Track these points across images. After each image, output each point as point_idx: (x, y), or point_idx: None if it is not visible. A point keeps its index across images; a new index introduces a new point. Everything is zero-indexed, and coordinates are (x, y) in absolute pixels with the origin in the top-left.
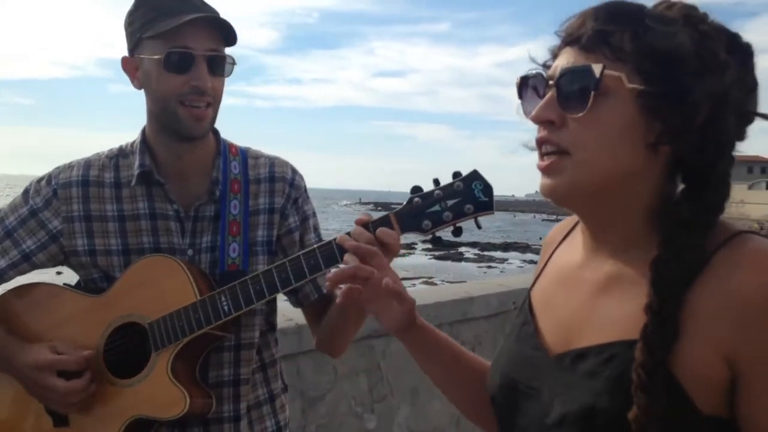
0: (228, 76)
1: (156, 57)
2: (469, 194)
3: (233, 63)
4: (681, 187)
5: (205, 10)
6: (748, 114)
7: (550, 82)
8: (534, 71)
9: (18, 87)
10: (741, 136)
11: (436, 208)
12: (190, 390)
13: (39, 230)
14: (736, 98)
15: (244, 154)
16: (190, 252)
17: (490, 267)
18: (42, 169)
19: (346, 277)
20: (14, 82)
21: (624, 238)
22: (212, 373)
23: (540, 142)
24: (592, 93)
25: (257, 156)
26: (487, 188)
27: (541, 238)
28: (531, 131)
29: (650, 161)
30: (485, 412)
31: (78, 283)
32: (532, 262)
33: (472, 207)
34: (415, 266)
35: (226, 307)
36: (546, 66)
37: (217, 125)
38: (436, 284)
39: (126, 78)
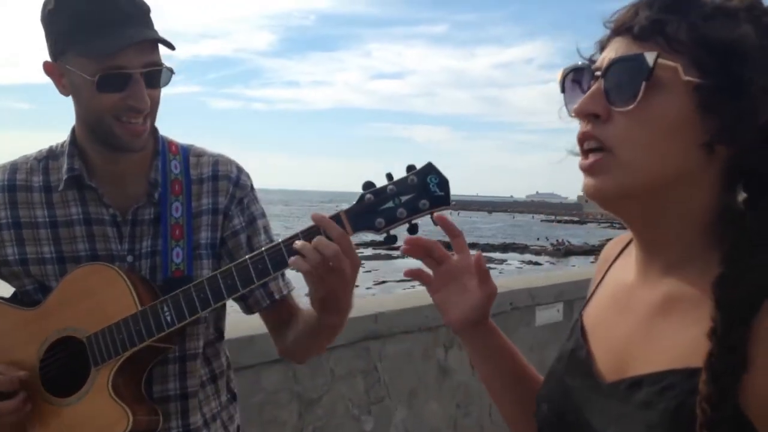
0: (165, 85)
1: (87, 77)
2: (425, 189)
3: (172, 72)
4: (742, 197)
5: (135, 17)
6: None
7: (597, 73)
8: (580, 63)
9: (15, 92)
10: None
11: (390, 204)
12: (133, 407)
13: None
14: None
15: (186, 152)
16: (129, 258)
17: (489, 268)
18: None
19: (421, 249)
20: (12, 86)
21: (679, 252)
22: (156, 387)
23: (582, 138)
24: (644, 84)
25: (200, 154)
26: (443, 182)
27: (538, 239)
28: (534, 131)
29: (705, 163)
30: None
31: (14, 295)
32: (530, 262)
33: (427, 202)
34: (413, 267)
35: (168, 318)
36: (592, 60)
37: (213, 129)
38: None
39: None
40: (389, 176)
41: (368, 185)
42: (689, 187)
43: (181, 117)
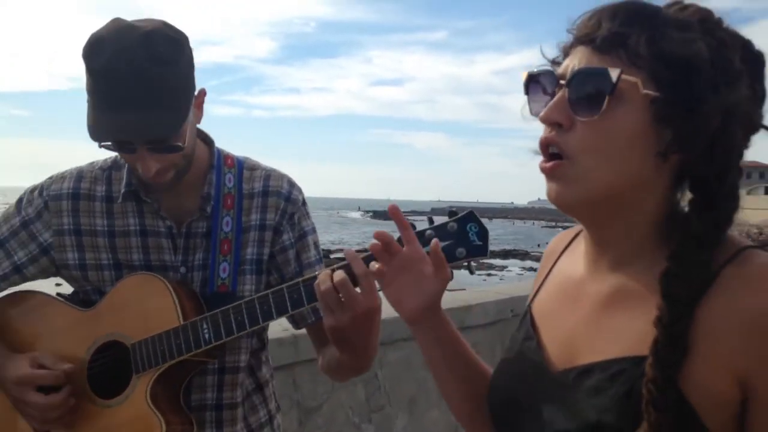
0: (179, 151)
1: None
2: (463, 237)
3: (180, 149)
4: (689, 197)
5: (139, 99)
6: (755, 125)
7: (561, 82)
8: (543, 67)
9: (14, 99)
10: (746, 147)
11: (427, 249)
12: (168, 416)
13: (30, 242)
14: (746, 110)
15: (241, 166)
16: (182, 269)
17: (489, 275)
18: (37, 182)
19: (384, 237)
20: (11, 94)
21: (629, 249)
22: (195, 396)
23: (545, 144)
24: (607, 97)
25: (254, 168)
26: (483, 231)
27: (540, 245)
28: (533, 137)
29: (658, 171)
30: (485, 428)
31: (74, 293)
32: (531, 269)
33: (464, 251)
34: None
35: (207, 336)
36: (556, 63)
37: (215, 136)
38: None
39: None
40: (430, 220)
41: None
42: (644, 192)
43: None
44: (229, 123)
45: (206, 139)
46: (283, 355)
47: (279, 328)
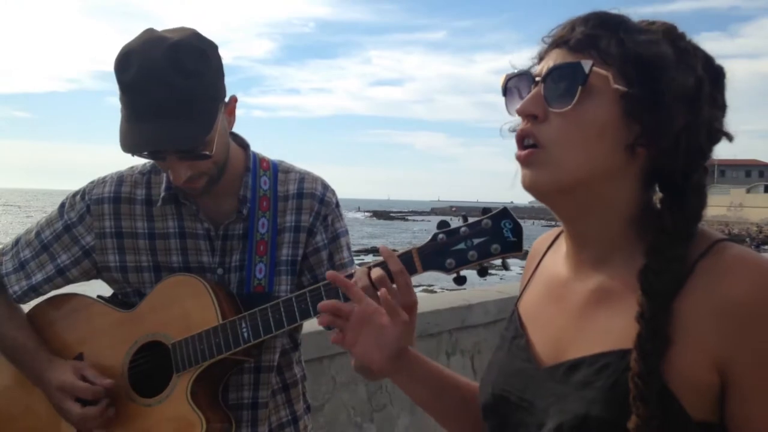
0: (209, 159)
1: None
2: (497, 233)
3: (208, 156)
4: (659, 196)
5: (168, 109)
6: (716, 132)
7: (537, 79)
8: (520, 70)
9: (15, 101)
10: (709, 151)
11: (461, 246)
12: (208, 414)
13: (73, 245)
14: (708, 114)
15: (276, 168)
16: (220, 271)
17: (489, 274)
18: (38, 183)
19: (329, 308)
20: (11, 96)
21: (606, 245)
22: (231, 395)
23: (521, 135)
24: (580, 88)
25: (288, 170)
26: (517, 228)
27: None
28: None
29: (627, 163)
30: None
31: (114, 295)
32: None
33: (499, 247)
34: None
35: (245, 334)
36: (532, 69)
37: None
38: (435, 291)
39: None
40: (464, 218)
41: (443, 224)
42: (613, 184)
43: None
44: None
45: (242, 143)
46: None
47: None
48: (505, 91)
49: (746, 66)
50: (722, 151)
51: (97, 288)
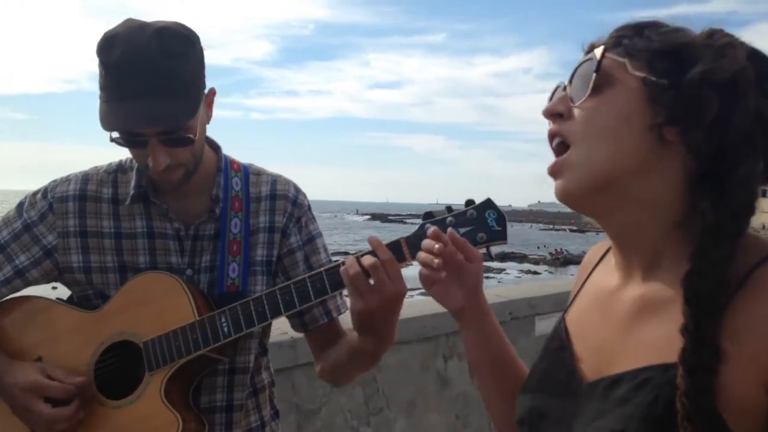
0: (191, 144)
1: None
2: (483, 223)
3: (191, 141)
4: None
5: (153, 89)
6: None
7: (566, 82)
8: (556, 86)
9: (11, 102)
10: (763, 143)
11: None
12: (183, 414)
13: (33, 245)
14: (755, 103)
15: (246, 171)
16: (189, 272)
17: (487, 278)
18: (35, 184)
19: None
20: (7, 97)
21: (651, 249)
22: (204, 397)
23: (551, 136)
24: (594, 75)
25: (259, 173)
26: (501, 217)
27: (539, 248)
28: (532, 140)
29: (661, 156)
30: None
31: (70, 298)
32: (529, 272)
33: (485, 236)
34: (412, 277)
35: (225, 329)
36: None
37: (214, 137)
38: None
39: None
40: (449, 208)
41: (428, 215)
42: (649, 179)
43: None
44: (227, 125)
45: (213, 145)
46: (282, 359)
47: (277, 332)
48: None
49: None
50: None
51: (55, 293)
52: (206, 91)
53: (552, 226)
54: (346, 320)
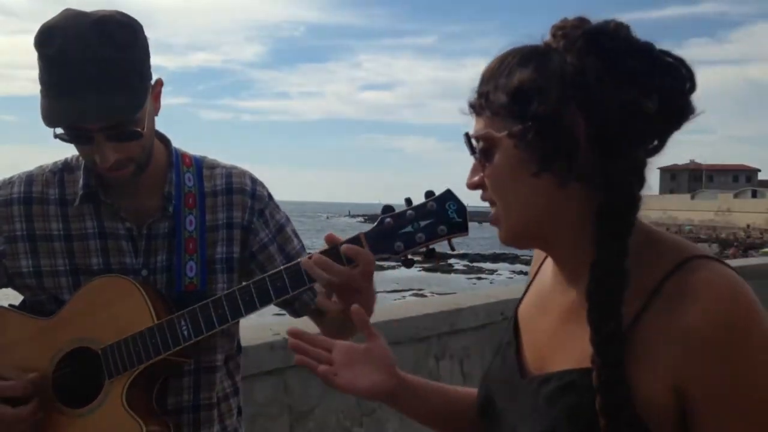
0: (139, 138)
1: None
2: (443, 215)
3: (139, 135)
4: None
5: (95, 81)
6: (632, 107)
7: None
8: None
9: (2, 104)
10: (631, 129)
11: (409, 229)
12: (146, 420)
13: None
14: (608, 94)
15: (199, 164)
16: (144, 272)
17: (479, 278)
18: None
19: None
20: None
21: (579, 263)
22: (171, 399)
23: (483, 199)
24: (477, 152)
25: (213, 166)
26: (461, 209)
27: (530, 249)
28: None
29: (559, 189)
30: None
31: (22, 303)
32: (521, 272)
33: (445, 228)
34: (404, 278)
35: (185, 332)
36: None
37: (203, 140)
38: (425, 296)
39: None
40: (408, 201)
41: (387, 209)
42: (560, 212)
43: (171, 128)
44: (218, 128)
45: (163, 139)
46: (274, 360)
47: (270, 332)
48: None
49: (734, 72)
50: (710, 156)
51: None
52: (153, 82)
53: None
54: None
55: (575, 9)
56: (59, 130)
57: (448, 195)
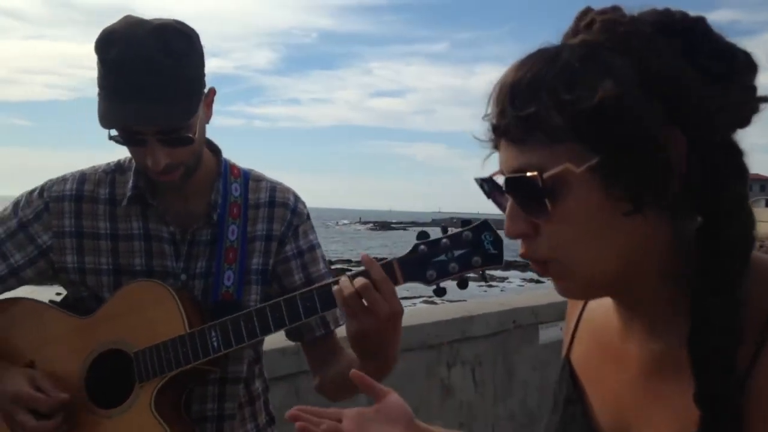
0: (190, 144)
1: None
2: (478, 245)
3: (191, 141)
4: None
5: (148, 89)
6: (736, 118)
7: (504, 188)
8: (482, 178)
9: (16, 109)
10: (743, 120)
11: (442, 257)
12: (172, 426)
13: (28, 244)
14: (708, 104)
15: (247, 176)
16: (183, 276)
17: (490, 286)
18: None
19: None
20: (12, 104)
21: (661, 312)
22: (195, 407)
23: (525, 258)
24: (547, 201)
25: (259, 179)
26: (497, 240)
27: None
28: None
29: (643, 225)
30: None
31: (65, 298)
32: (532, 280)
33: (480, 260)
34: (415, 286)
35: (215, 344)
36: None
37: (214, 142)
38: (436, 303)
39: None
40: (444, 229)
41: (422, 235)
42: (646, 252)
43: None
44: (230, 134)
45: (214, 148)
46: (287, 365)
47: (281, 337)
48: (486, 193)
49: None
50: None
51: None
52: (206, 90)
53: None
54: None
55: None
56: (114, 132)
57: (485, 225)
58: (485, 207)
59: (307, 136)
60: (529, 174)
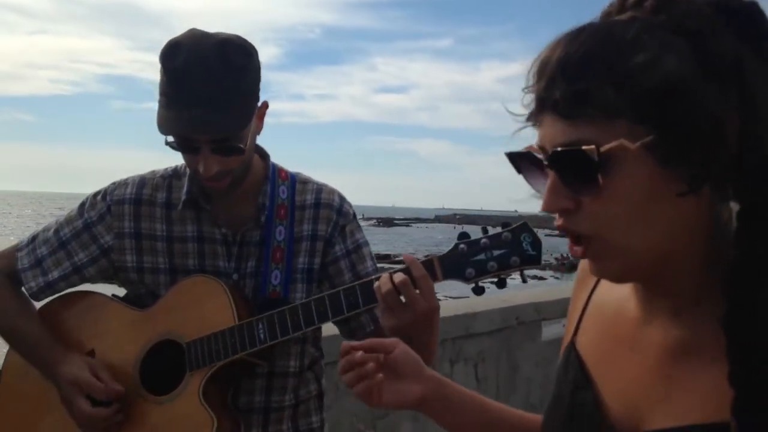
0: (241, 154)
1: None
2: (517, 246)
3: (241, 151)
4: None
5: (204, 98)
6: None
7: (546, 163)
8: (519, 151)
9: (19, 103)
10: None
11: (482, 257)
12: (219, 414)
13: (91, 244)
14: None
15: (294, 179)
16: (235, 276)
17: (493, 282)
18: (42, 186)
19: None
20: (15, 98)
21: (690, 295)
22: (243, 398)
23: (562, 230)
24: (599, 176)
25: (306, 181)
26: (536, 242)
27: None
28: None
29: (693, 207)
30: None
31: (126, 296)
32: (535, 277)
33: (518, 260)
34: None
35: (262, 335)
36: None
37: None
38: (439, 299)
39: (128, 95)
40: (484, 230)
41: (463, 235)
42: (687, 236)
43: None
44: None
45: (262, 153)
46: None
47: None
48: (517, 168)
49: None
50: None
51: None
52: (259, 103)
53: (558, 232)
54: None
55: (593, 11)
56: (170, 138)
57: (525, 227)
58: (488, 204)
59: (311, 132)
60: (585, 147)
